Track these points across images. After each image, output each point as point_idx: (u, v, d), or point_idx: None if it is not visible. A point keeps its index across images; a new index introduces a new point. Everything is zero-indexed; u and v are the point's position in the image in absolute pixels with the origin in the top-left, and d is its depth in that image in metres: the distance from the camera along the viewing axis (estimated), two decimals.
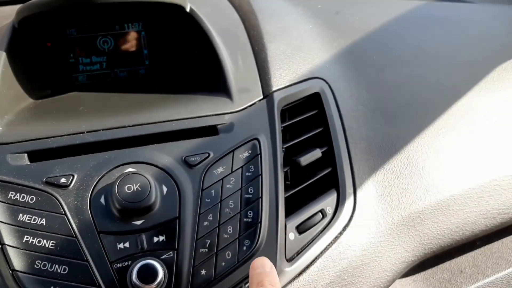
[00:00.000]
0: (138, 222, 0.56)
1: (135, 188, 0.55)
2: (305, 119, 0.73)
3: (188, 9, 0.81)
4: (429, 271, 0.77)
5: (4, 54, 0.71)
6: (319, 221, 0.64)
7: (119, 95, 0.79)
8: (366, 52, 0.87)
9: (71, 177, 0.57)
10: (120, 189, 0.55)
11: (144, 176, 0.56)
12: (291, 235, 0.61)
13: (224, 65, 0.72)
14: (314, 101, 0.75)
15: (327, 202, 0.65)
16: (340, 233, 0.64)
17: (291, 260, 0.61)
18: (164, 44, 0.86)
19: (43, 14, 0.76)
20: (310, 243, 0.62)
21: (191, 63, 0.84)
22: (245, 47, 0.78)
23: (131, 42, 0.87)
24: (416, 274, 0.76)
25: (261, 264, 0.51)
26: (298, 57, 0.78)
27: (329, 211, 0.65)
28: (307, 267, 0.61)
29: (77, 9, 0.77)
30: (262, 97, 0.70)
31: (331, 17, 0.98)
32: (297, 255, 0.61)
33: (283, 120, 0.70)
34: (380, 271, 0.66)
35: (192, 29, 0.80)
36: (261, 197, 0.60)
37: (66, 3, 0.73)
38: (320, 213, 0.65)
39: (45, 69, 0.82)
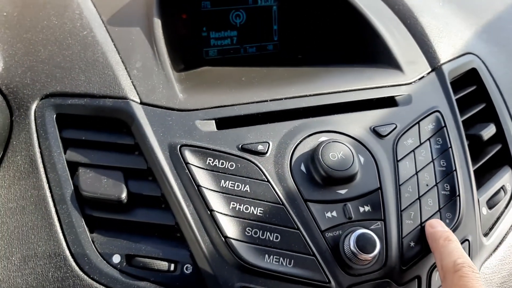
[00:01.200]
0: (343, 191, 0.53)
1: (338, 156, 0.53)
2: (465, 95, 0.70)
3: None
4: None
5: (159, 22, 0.69)
6: (503, 198, 0.61)
7: (254, 70, 0.76)
8: (505, 29, 0.85)
9: (267, 144, 0.55)
10: (324, 157, 0.53)
11: (345, 144, 0.54)
12: (484, 210, 0.59)
13: (385, 38, 0.69)
14: (472, 76, 0.72)
15: (505, 179, 0.63)
16: None
17: (486, 235, 0.58)
18: (297, 20, 0.84)
19: None
20: (499, 218, 0.60)
21: (329, 38, 0.82)
22: (396, 21, 0.75)
23: (262, 16, 0.84)
24: None
25: (439, 223, 0.51)
26: (450, 32, 0.75)
27: (509, 187, 0.63)
28: (501, 242, 0.58)
29: None
30: (430, 69, 0.67)
31: None
32: (490, 230, 0.59)
33: None
34: None
35: (332, 3, 0.78)
36: (456, 170, 0.57)
37: None
38: (501, 190, 0.62)
39: (179, 42, 0.80)
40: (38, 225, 0.51)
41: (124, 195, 0.52)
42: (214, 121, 0.57)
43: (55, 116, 0.57)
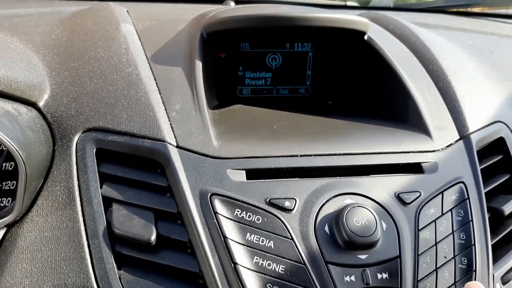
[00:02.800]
0: (363, 256, 0.55)
1: (362, 222, 0.55)
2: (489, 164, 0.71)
3: (366, 36, 0.80)
4: None
5: (201, 64, 0.71)
6: None
7: (286, 115, 0.79)
8: None
9: (294, 201, 0.57)
10: (348, 221, 0.55)
11: (369, 210, 0.56)
12: (497, 286, 0.60)
13: (417, 101, 0.71)
14: (499, 145, 0.73)
15: None
16: None
17: None
18: (330, 67, 0.86)
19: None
20: None
21: (360, 90, 0.84)
22: (428, 82, 0.77)
23: (297, 61, 0.87)
24: None
25: (478, 285, 0.51)
26: (480, 98, 0.77)
27: None
28: None
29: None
30: (458, 137, 0.69)
31: (487, 56, 0.96)
32: None
33: None
34: None
35: (367, 56, 0.80)
36: (474, 244, 0.59)
37: (260, 23, 0.74)
38: None
39: (216, 79, 0.83)
40: (70, 256, 0.54)
41: (153, 237, 0.54)
42: (244, 171, 0.59)
43: (95, 150, 0.60)
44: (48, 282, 0.53)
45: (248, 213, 0.56)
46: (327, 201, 0.58)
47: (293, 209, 0.57)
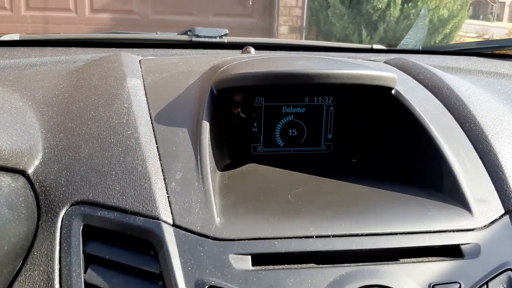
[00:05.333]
0: None
1: None
2: None
3: (394, 91, 0.72)
4: None
5: (208, 126, 0.65)
6: None
7: (303, 179, 0.70)
8: None
9: None
10: None
11: None
12: None
13: (451, 164, 0.62)
14: None
15: None
16: None
17: None
18: (353, 122, 0.78)
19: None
20: None
21: (387, 149, 0.75)
22: (466, 143, 0.67)
23: (317, 115, 0.79)
24: None
25: None
26: None
27: None
28: None
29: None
30: (503, 211, 0.59)
31: None
32: None
33: None
34: None
35: (394, 111, 0.72)
36: None
37: (277, 81, 0.67)
38: None
39: (227, 137, 0.76)
40: None
41: None
42: (250, 256, 0.51)
43: (81, 227, 0.53)
44: None
45: None
46: None
47: None
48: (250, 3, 4.42)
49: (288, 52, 1.18)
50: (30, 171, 0.58)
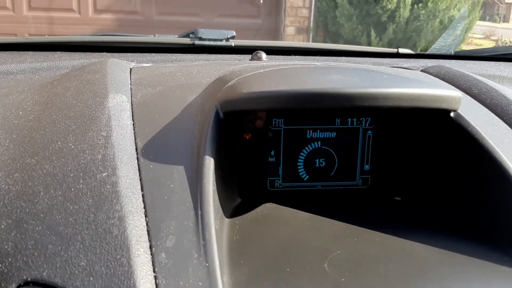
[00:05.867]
0: None
1: None
2: None
3: (453, 113, 0.56)
4: None
5: (212, 163, 0.48)
6: None
7: (337, 225, 0.54)
8: None
9: None
10: None
11: None
12: None
13: None
14: None
15: None
16: None
17: None
18: (397, 149, 0.62)
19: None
20: None
21: (442, 184, 0.59)
22: None
23: (351, 141, 0.62)
24: None
25: None
26: None
27: None
28: None
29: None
30: None
31: None
32: None
33: None
34: None
35: (451, 136, 0.55)
36: None
37: (302, 105, 0.51)
38: None
39: (237, 170, 0.60)
40: None
41: None
42: None
43: None
44: None
45: None
46: None
47: None
48: (261, 1, 4.27)
49: (304, 57, 1.02)
50: None
